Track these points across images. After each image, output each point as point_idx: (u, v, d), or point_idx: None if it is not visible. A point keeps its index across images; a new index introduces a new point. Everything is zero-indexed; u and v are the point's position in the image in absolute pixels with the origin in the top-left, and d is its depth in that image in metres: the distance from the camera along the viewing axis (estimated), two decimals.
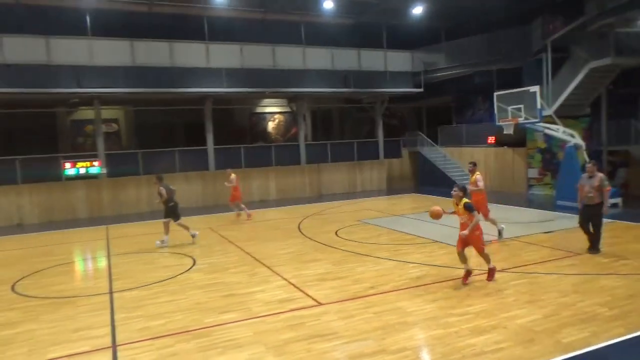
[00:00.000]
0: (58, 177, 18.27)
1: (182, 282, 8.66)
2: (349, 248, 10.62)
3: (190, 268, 9.62)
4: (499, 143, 21.57)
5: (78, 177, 18.52)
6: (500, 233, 10.82)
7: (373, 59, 22.88)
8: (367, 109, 25.63)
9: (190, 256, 10.71)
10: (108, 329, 6.46)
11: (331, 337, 5.82)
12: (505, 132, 17.88)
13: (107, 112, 21.44)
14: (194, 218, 16.69)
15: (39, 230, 15.92)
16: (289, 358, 5.33)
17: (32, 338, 6.30)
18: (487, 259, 7.75)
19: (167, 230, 12.09)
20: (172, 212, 12.13)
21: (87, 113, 20.79)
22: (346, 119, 28.86)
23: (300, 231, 13.29)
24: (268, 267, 9.40)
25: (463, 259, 7.66)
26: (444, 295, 7.19)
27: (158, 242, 12.04)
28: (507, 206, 16.03)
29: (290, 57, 21.12)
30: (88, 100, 18.99)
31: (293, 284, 8.13)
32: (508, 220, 12.38)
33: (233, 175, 16.03)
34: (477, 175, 10.60)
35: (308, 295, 7.47)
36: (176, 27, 19.67)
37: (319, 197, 21.59)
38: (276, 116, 26.58)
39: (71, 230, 15.69)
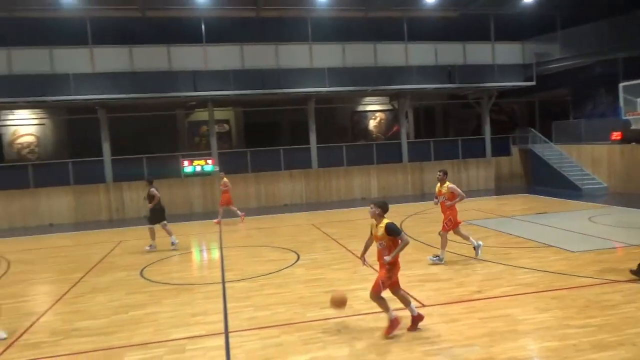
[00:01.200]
0: (178, 174, 19.98)
1: (286, 276, 9.01)
2: (453, 250, 10.26)
3: (294, 263, 9.96)
4: (625, 139, 19.41)
5: (195, 175, 20.09)
6: (476, 250, 9.47)
7: (479, 52, 21.85)
8: (473, 105, 24.52)
9: (294, 251, 11.09)
10: (221, 316, 6.93)
11: (434, 340, 5.68)
12: (633, 127, 16.09)
13: (220, 114, 22.98)
14: (297, 215, 17.29)
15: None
16: (390, 358, 5.30)
17: (157, 320, 6.96)
18: (383, 306, 5.95)
19: (153, 235, 12.25)
20: (159, 215, 12.35)
21: (202, 115, 22.47)
22: (450, 116, 27.90)
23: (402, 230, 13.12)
24: (369, 265, 9.40)
25: (403, 300, 6.08)
26: (559, 304, 6.66)
27: (147, 247, 12.16)
28: (637, 210, 14.38)
29: (392, 53, 20.94)
30: (203, 103, 20.51)
31: None
32: (634, 225, 11.09)
33: (225, 179, 16.37)
34: (450, 185, 9.28)
35: (410, 296, 7.35)
36: (281, 29, 20.51)
37: (422, 196, 21.13)
38: (378, 114, 26.50)
39: (188, 223, 17.05)
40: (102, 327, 6.77)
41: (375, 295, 5.89)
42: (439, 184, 9.40)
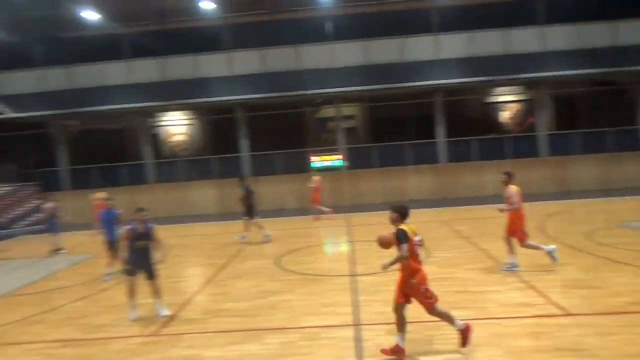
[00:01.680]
0: (307, 169, 20.88)
1: None
2: (604, 254, 9.25)
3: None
4: None
5: (323, 170, 20.81)
6: (551, 255, 8.52)
7: (634, 32, 19.21)
8: (625, 91, 21.66)
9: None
10: (351, 308, 7.13)
11: (583, 354, 5.19)
12: None
13: (346, 109, 23.44)
14: (424, 211, 16.95)
15: (294, 215, 18.47)
16: None
17: (290, 307, 7.39)
18: (445, 318, 5.50)
19: (247, 228, 13.20)
20: (249, 210, 13.22)
21: (329, 111, 23.15)
22: (596, 105, 24.99)
23: (542, 231, 12.17)
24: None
25: (400, 321, 5.50)
26: None
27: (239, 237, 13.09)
28: None
29: (526, 39, 19.46)
30: (330, 99, 21.11)
31: (534, 288, 7.52)
32: None
33: (316, 177, 16.76)
34: (511, 189, 8.34)
35: (553, 303, 6.82)
36: (405, 22, 20.19)
37: (564, 194, 19.32)
38: (511, 105, 24.77)
39: (319, 216, 17.72)
40: (244, 310, 7.40)
41: (432, 312, 5.50)
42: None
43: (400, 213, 5.49)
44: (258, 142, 22.24)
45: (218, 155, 22.00)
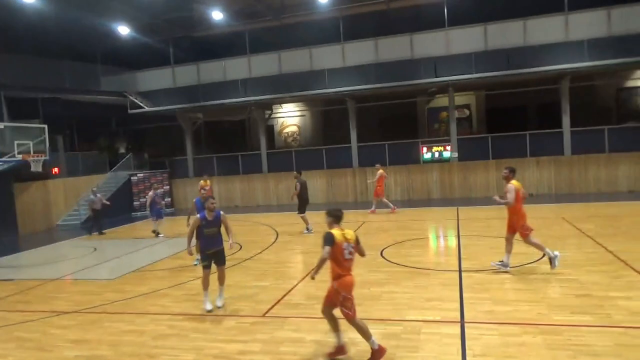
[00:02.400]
0: (417, 160, 20.44)
1: (530, 272, 8.33)
2: None
3: (540, 259, 9.10)
4: None
5: (433, 161, 20.22)
6: (552, 261, 8.05)
7: None
8: None
9: None
10: (457, 305, 6.88)
11: None
12: None
13: (460, 99, 22.44)
14: (544, 206, 15.73)
15: (400, 207, 18.25)
16: None
17: (394, 299, 7.34)
18: (362, 332, 5.36)
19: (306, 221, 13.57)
20: (302, 205, 13.61)
21: (442, 101, 22.36)
22: None
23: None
24: (637, 272, 7.94)
25: (331, 323, 5.57)
26: None
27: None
28: None
29: None
30: (444, 88, 20.36)
31: None
32: None
33: (381, 171, 16.58)
34: (511, 185, 8.13)
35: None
36: (530, 2, 18.62)
37: None
38: None
39: (426, 209, 17.33)
40: None
41: (350, 322, 5.45)
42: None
43: (335, 217, 5.68)
44: (368, 133, 22.27)
45: (328, 145, 22.48)
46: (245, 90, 21.34)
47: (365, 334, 5.38)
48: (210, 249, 7.53)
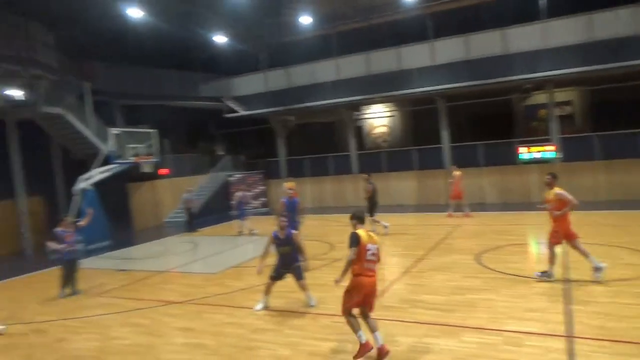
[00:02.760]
0: (513, 161, 19.37)
1: None
2: None
3: None
4: None
5: (532, 162, 19.04)
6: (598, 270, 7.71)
7: None
8: None
9: None
10: (561, 317, 6.43)
11: None
12: None
13: (560, 95, 20.88)
14: None
15: (495, 210, 17.43)
16: None
17: (491, 307, 7.04)
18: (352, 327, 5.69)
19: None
20: (372, 207, 13.55)
21: (540, 97, 20.97)
22: None
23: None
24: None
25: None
26: None
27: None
28: None
29: None
30: (541, 84, 19.11)
31: None
32: None
33: (456, 172, 16.14)
34: (561, 192, 7.99)
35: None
36: None
37: None
38: None
39: (525, 213, 16.36)
40: (441, 304, 7.33)
41: (344, 315, 5.75)
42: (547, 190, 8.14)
43: (358, 218, 5.99)
44: (459, 132, 21.52)
45: (418, 146, 22.07)
46: (335, 92, 21.63)
47: (355, 330, 5.67)
48: (285, 268, 7.74)
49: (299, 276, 7.74)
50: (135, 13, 16.82)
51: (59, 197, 18.72)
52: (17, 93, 15.24)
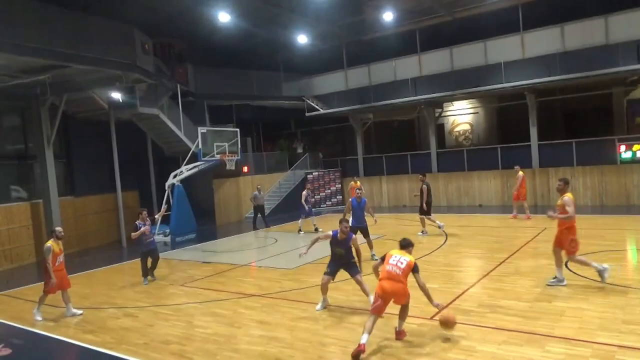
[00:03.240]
0: (612, 160, 17.80)
1: None
2: None
3: None
4: None
5: (634, 161, 17.36)
6: (601, 274, 7.58)
7: None
8: None
9: None
10: None
11: None
12: None
13: None
14: None
15: (590, 213, 16.13)
16: None
17: (582, 317, 6.52)
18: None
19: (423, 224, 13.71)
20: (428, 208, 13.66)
21: None
22: None
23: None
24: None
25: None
26: None
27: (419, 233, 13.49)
28: None
29: None
30: None
31: None
32: None
33: (520, 172, 15.77)
34: (568, 198, 7.84)
35: None
36: None
37: None
38: None
39: (623, 217, 15.00)
40: (524, 310, 6.92)
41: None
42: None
43: (407, 246, 6.48)
44: (550, 129, 20.16)
45: (503, 144, 20.98)
46: (415, 89, 21.18)
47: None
48: (336, 267, 7.75)
49: (353, 272, 7.69)
50: (223, 17, 17.63)
51: (152, 192, 20.17)
52: (117, 95, 16.62)
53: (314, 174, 23.99)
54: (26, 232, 15.27)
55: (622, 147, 17.57)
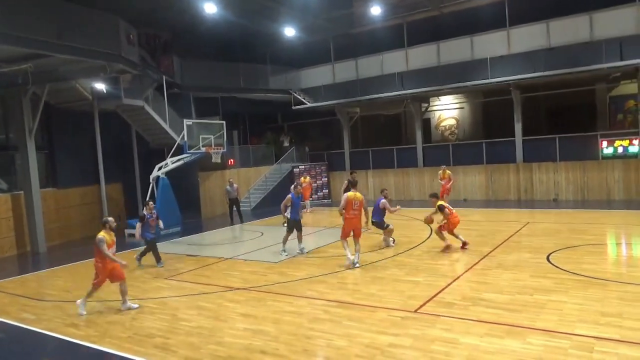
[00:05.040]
0: (594, 155, 18.09)
1: None
2: None
3: None
4: None
5: (615, 157, 17.68)
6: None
7: None
8: None
9: None
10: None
11: None
12: None
13: None
14: None
15: (572, 207, 16.41)
16: None
17: (562, 309, 6.64)
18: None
19: None
20: None
21: (628, 87, 19.35)
22: None
23: None
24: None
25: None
26: None
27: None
28: None
29: None
30: (631, 73, 17.62)
31: None
32: None
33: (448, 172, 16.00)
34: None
35: None
36: None
37: None
38: None
39: (604, 211, 15.28)
40: (506, 303, 7.03)
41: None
42: None
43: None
44: (534, 125, 20.40)
45: (488, 139, 21.18)
46: (402, 83, 21.24)
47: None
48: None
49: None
50: (209, 9, 17.44)
51: (136, 184, 19.96)
52: (101, 86, 16.36)
53: (300, 167, 23.96)
54: (6, 224, 15.02)
55: (604, 143, 17.88)
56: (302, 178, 18.77)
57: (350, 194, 9.94)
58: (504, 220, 14.77)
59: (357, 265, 9.71)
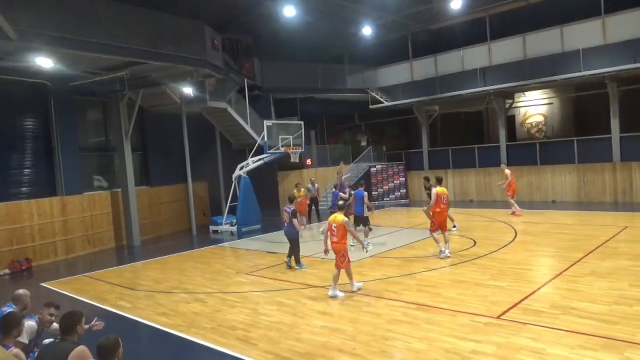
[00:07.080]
0: None
1: None
2: None
3: None
4: None
5: None
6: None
7: None
8: None
9: None
10: None
11: None
12: None
13: None
14: None
15: None
16: None
17: None
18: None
19: None
20: None
21: None
22: None
23: None
24: None
25: None
26: None
27: None
28: None
29: None
30: None
31: None
32: None
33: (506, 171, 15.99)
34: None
35: None
36: None
37: None
38: None
39: None
40: (601, 314, 6.50)
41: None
42: None
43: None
44: (634, 121, 18.65)
45: (580, 137, 19.70)
46: (484, 79, 20.36)
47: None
48: None
49: None
50: (289, 12, 17.86)
51: (220, 183, 20.93)
52: (189, 90, 17.35)
53: (377, 167, 23.80)
54: (106, 219, 16.38)
55: None
56: (296, 191, 16.28)
57: (438, 189, 10.68)
58: (599, 224, 13.67)
59: (450, 255, 10.32)
